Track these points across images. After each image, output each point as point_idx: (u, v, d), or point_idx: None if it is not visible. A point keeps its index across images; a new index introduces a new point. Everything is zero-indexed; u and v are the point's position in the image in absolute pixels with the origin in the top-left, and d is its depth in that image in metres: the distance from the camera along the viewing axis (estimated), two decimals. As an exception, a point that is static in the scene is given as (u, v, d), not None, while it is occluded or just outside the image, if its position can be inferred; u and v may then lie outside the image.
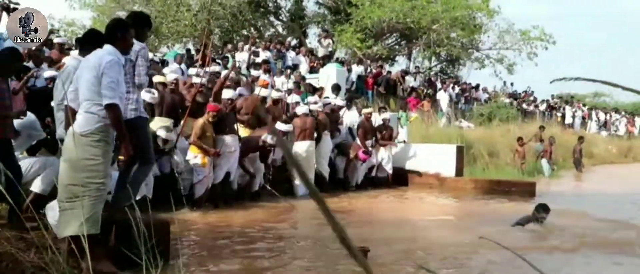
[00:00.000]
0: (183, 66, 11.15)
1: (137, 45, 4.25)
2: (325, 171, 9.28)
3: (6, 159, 4.02)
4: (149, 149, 4.44)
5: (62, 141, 3.95)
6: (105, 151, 3.62)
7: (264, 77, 10.66)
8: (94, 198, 3.52)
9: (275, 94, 9.38)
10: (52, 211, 3.85)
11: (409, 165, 10.98)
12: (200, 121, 7.15)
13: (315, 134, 8.92)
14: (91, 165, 3.54)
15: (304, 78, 12.73)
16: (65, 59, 5.99)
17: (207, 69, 8.68)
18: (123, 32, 3.87)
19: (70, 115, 3.76)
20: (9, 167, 3.61)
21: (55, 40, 9.30)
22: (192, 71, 9.95)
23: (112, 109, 3.61)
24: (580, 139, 16.40)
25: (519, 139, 13.38)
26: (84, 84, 3.66)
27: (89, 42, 4.24)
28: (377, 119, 10.60)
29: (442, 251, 5.43)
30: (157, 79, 7.83)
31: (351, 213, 7.68)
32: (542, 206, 6.69)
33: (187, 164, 7.07)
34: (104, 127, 3.62)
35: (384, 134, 10.48)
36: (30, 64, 7.59)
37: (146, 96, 6.57)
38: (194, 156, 7.06)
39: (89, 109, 3.62)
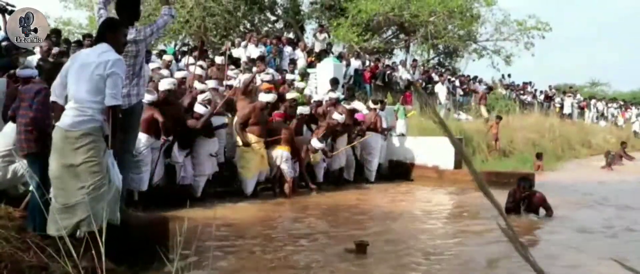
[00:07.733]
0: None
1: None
2: None
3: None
4: (134, 138, 4.43)
5: None
6: (100, 150, 3.58)
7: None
8: (92, 198, 3.48)
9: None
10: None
11: (408, 158, 10.99)
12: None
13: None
14: (90, 168, 3.51)
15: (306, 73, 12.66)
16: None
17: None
18: (114, 31, 3.80)
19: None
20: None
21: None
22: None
23: (114, 111, 3.61)
24: (623, 144, 16.94)
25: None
26: (83, 82, 3.58)
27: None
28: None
29: (432, 244, 5.45)
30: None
31: (347, 207, 7.69)
32: (523, 179, 6.75)
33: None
34: (99, 127, 3.59)
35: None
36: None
37: (148, 96, 6.53)
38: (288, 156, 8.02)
39: (86, 108, 3.56)
